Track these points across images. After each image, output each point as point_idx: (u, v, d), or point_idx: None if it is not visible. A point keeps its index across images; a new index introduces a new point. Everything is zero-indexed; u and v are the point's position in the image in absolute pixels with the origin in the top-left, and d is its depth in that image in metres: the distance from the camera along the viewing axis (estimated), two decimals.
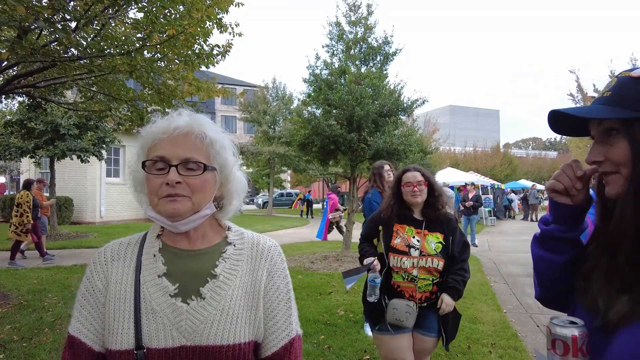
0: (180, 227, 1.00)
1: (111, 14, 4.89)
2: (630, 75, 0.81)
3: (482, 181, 20.80)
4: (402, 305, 2.39)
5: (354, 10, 9.29)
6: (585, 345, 0.79)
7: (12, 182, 33.05)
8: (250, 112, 25.53)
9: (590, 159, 0.85)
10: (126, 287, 1.00)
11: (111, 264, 1.04)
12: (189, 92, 6.07)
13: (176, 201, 0.97)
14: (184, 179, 0.97)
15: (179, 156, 0.98)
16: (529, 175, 40.77)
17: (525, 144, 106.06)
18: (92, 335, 1.00)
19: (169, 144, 0.99)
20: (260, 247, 1.10)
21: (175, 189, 0.96)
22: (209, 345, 0.96)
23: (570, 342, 0.78)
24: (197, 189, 0.99)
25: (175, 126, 0.99)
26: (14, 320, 4.85)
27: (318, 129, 8.34)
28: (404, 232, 2.50)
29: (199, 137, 1.00)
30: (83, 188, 16.61)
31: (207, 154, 1.01)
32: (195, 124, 1.01)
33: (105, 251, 1.06)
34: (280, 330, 1.05)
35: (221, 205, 1.10)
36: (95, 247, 10.51)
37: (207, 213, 1.03)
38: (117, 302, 0.99)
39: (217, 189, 1.05)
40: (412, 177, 2.54)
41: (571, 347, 0.78)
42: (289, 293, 1.10)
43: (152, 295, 0.98)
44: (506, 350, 4.08)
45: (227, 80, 38.19)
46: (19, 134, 11.37)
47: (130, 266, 1.03)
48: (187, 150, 0.98)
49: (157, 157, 0.98)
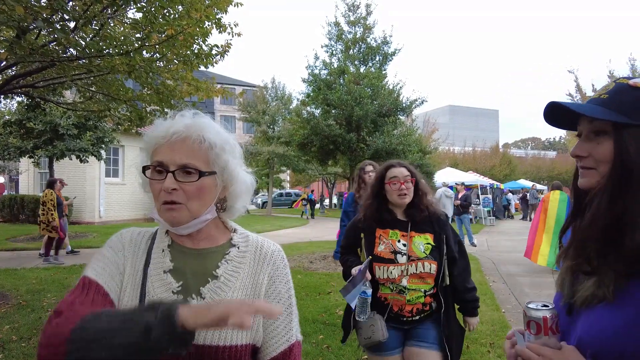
0: (181, 231, 1.02)
1: (110, 14, 4.89)
2: (628, 83, 0.87)
3: (481, 181, 20.80)
4: (364, 323, 2.09)
5: (353, 10, 9.32)
6: (555, 324, 0.90)
7: (11, 182, 33.00)
8: (249, 112, 25.54)
9: (575, 152, 0.92)
10: (135, 278, 1.02)
11: (129, 246, 1.06)
12: (188, 92, 6.07)
13: (173, 209, 0.98)
14: (181, 186, 0.97)
15: (176, 162, 0.98)
16: (528, 175, 40.81)
17: (524, 144, 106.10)
18: (109, 281, 0.98)
19: (168, 149, 0.99)
20: (264, 252, 1.10)
21: (172, 196, 0.97)
22: (205, 344, 0.96)
23: (542, 322, 0.89)
24: (192, 196, 0.98)
25: (173, 131, 0.99)
26: (12, 320, 4.85)
27: (317, 129, 8.37)
28: (387, 237, 2.19)
29: (197, 142, 0.99)
30: (82, 188, 16.58)
31: (206, 158, 1.01)
32: (193, 128, 1.00)
33: (126, 233, 1.08)
34: (280, 336, 1.05)
35: (225, 207, 1.09)
36: (94, 247, 10.50)
37: (207, 218, 1.03)
38: (128, 289, 1.00)
39: (219, 192, 1.05)
40: (398, 172, 2.20)
41: (542, 326, 0.90)
42: (290, 299, 1.10)
43: (155, 290, 1.00)
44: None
45: (226, 80, 38.17)
46: (18, 134, 11.36)
47: (142, 257, 1.04)
48: (185, 155, 0.98)
49: (156, 162, 0.99)
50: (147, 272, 1.02)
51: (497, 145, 40.50)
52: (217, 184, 1.04)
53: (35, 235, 11.73)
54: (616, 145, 0.85)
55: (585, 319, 0.86)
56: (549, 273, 7.92)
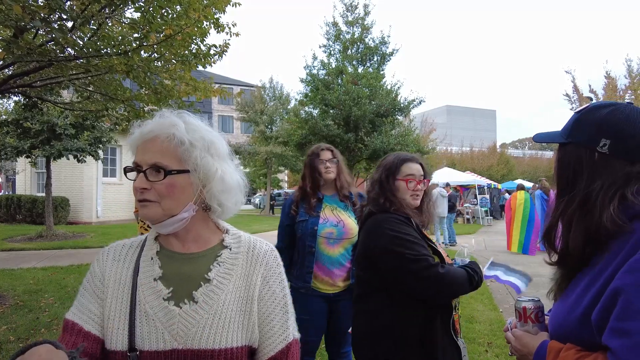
0: (160, 230, 1.03)
1: (108, 14, 4.87)
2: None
3: (479, 181, 20.86)
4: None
5: (351, 11, 9.32)
6: (534, 314, 1.12)
7: (8, 182, 32.84)
8: (247, 112, 25.51)
9: None
10: (124, 289, 1.02)
11: (112, 264, 1.06)
12: (185, 92, 6.06)
13: (146, 207, 0.99)
14: (152, 185, 0.98)
15: (147, 161, 0.99)
16: (525, 175, 40.90)
17: (521, 144, 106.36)
18: (84, 316, 1.01)
19: (142, 150, 1.01)
20: (256, 252, 1.09)
21: (144, 195, 0.99)
22: (201, 349, 0.96)
23: (522, 311, 1.13)
24: (163, 195, 0.99)
25: (146, 131, 1.01)
26: (10, 320, 4.84)
27: (315, 129, 8.37)
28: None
29: (166, 140, 0.99)
30: (79, 188, 16.55)
31: (177, 156, 1.00)
32: (162, 126, 1.00)
33: (108, 251, 1.09)
34: (276, 335, 1.06)
35: (208, 206, 1.07)
36: (91, 247, 10.47)
37: (184, 217, 1.02)
38: (114, 302, 1.01)
39: (198, 190, 1.03)
40: (416, 170, 1.86)
41: (522, 315, 1.13)
42: (285, 298, 1.10)
43: (146, 299, 1.00)
44: (502, 349, 4.10)
45: (224, 80, 38.11)
46: (15, 133, 11.30)
47: (129, 268, 1.04)
48: (154, 154, 0.99)
49: (133, 163, 1.02)
50: (137, 280, 1.02)
51: (494, 145, 40.61)
52: (192, 182, 1.02)
53: (32, 236, 11.70)
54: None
55: (553, 309, 1.07)
56: (546, 273, 7.95)
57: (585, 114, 1.03)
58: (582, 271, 0.98)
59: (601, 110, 1.01)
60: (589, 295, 0.92)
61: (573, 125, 1.05)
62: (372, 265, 1.76)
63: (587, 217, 0.96)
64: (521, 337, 1.09)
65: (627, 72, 16.73)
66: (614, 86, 17.24)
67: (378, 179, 1.90)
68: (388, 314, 1.70)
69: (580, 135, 1.02)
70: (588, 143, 1.00)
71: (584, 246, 0.97)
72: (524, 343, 1.07)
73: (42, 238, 11.45)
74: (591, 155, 0.99)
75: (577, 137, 1.02)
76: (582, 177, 1.00)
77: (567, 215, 1.01)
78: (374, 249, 1.74)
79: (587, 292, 0.93)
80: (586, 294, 0.93)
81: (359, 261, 1.89)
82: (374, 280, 1.76)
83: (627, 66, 16.74)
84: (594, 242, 0.95)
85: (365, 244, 1.81)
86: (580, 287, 0.96)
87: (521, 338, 1.09)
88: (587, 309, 0.91)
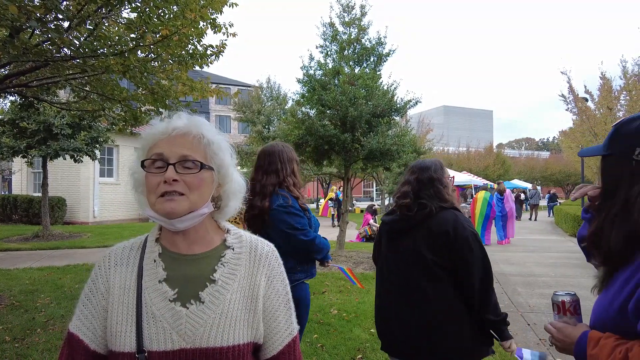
0: (177, 225, 1.02)
1: (104, 14, 4.88)
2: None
3: (475, 181, 20.93)
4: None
5: (348, 11, 9.32)
6: (572, 307, 1.23)
7: (4, 182, 32.66)
8: (244, 112, 25.49)
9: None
10: (129, 293, 1.03)
11: (114, 269, 1.07)
12: (182, 92, 6.06)
13: (173, 200, 0.99)
14: (181, 177, 1.00)
15: (177, 154, 1.01)
16: (522, 175, 41.09)
17: (518, 144, 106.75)
18: (90, 333, 1.03)
19: (168, 144, 1.02)
20: (259, 253, 1.13)
21: (173, 186, 0.99)
22: (209, 347, 0.99)
23: (561, 305, 1.24)
24: (194, 187, 1.01)
25: (173, 127, 1.03)
26: (5, 320, 4.83)
27: (312, 129, 8.36)
28: None
29: (196, 138, 1.04)
30: (76, 188, 16.50)
31: (204, 154, 1.04)
32: (193, 125, 1.05)
33: (110, 256, 1.10)
34: (282, 330, 1.11)
35: (219, 205, 1.12)
36: (88, 247, 10.46)
37: (204, 212, 1.05)
38: (120, 307, 1.02)
39: (214, 189, 1.08)
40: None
41: (561, 308, 1.24)
42: (287, 295, 1.15)
43: (152, 301, 1.01)
44: (497, 347, 4.13)
45: (221, 80, 38.07)
46: (11, 133, 11.26)
47: (133, 271, 1.06)
48: (185, 149, 1.02)
49: (155, 155, 1.01)
50: (142, 284, 1.03)
51: (491, 145, 40.75)
52: (213, 180, 1.07)
53: (28, 236, 11.66)
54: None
55: (597, 300, 1.16)
56: (543, 272, 8.01)
57: (621, 126, 1.15)
58: (623, 268, 1.07)
59: (634, 122, 1.12)
60: (628, 287, 1.01)
61: (611, 138, 1.16)
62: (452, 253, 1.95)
63: (627, 219, 1.06)
64: (562, 329, 1.20)
65: (622, 73, 16.82)
66: (609, 87, 17.33)
67: (437, 178, 2.06)
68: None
69: (618, 146, 1.14)
70: (625, 153, 1.11)
71: (625, 245, 1.05)
72: (567, 334, 1.17)
73: (39, 238, 11.42)
74: (628, 163, 1.09)
75: (615, 148, 1.14)
76: (622, 184, 1.10)
77: (609, 219, 1.10)
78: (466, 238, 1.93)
79: (626, 285, 1.03)
80: (625, 287, 1.02)
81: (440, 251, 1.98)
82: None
83: (622, 67, 16.84)
84: (634, 241, 1.04)
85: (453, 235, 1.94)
86: (620, 280, 1.06)
87: (562, 329, 1.20)
88: (625, 300, 1.01)
